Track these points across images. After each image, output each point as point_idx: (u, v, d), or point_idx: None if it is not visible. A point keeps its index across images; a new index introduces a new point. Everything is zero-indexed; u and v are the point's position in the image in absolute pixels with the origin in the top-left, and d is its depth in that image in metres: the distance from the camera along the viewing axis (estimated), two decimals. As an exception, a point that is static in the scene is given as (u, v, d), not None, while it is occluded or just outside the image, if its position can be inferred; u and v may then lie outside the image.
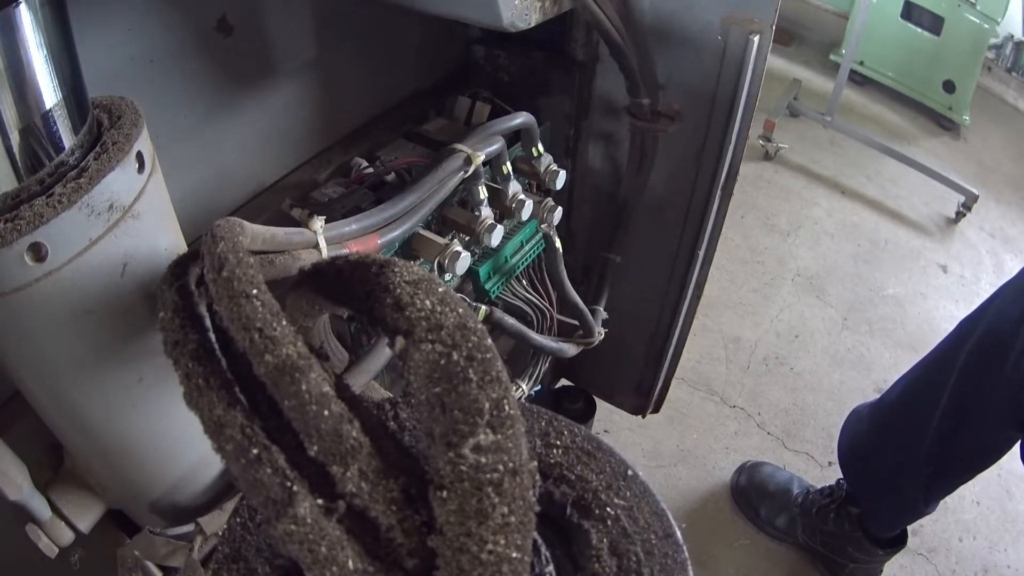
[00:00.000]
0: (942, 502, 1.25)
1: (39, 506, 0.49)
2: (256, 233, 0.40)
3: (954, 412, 1.11)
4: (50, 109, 0.34)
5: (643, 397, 1.17)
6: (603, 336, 0.98)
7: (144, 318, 0.40)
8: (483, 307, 0.77)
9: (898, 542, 1.34)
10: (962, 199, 2.33)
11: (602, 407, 1.28)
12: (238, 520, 0.35)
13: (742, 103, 0.74)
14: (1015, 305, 1.02)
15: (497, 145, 0.70)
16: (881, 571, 1.39)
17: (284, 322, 0.27)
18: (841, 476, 1.38)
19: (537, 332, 0.89)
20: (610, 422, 1.58)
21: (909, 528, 1.35)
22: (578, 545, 0.34)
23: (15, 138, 0.32)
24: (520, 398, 1.00)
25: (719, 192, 0.83)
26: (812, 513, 1.38)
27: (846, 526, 1.33)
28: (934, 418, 1.12)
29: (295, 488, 0.25)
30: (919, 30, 2.68)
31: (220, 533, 0.37)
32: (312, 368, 0.26)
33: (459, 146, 0.67)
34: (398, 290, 0.29)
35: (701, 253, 0.90)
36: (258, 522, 0.34)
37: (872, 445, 1.27)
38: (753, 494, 1.47)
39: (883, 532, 1.32)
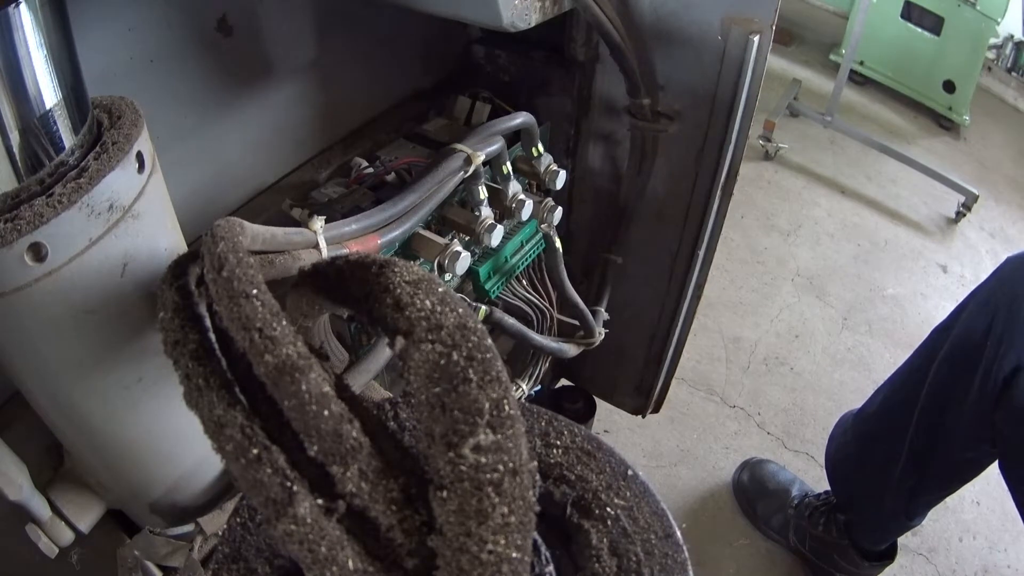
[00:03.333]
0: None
1: (39, 506, 0.49)
2: (256, 233, 0.40)
3: (927, 426, 1.09)
4: (50, 109, 0.34)
5: (643, 397, 1.17)
6: (603, 336, 0.98)
7: (144, 318, 0.40)
8: (483, 307, 0.77)
9: (885, 556, 1.32)
10: (962, 199, 2.33)
11: (602, 407, 1.28)
12: (238, 520, 0.35)
13: (742, 103, 0.74)
14: (981, 318, 0.99)
15: (497, 145, 0.70)
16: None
17: (284, 322, 0.27)
18: (837, 481, 1.37)
19: (537, 332, 0.89)
20: (610, 422, 1.58)
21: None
22: (578, 545, 0.34)
23: (15, 138, 0.32)
24: (520, 398, 1.00)
25: (719, 192, 0.83)
26: (804, 516, 1.37)
27: (834, 533, 1.32)
28: (909, 431, 1.11)
29: (295, 488, 0.25)
30: (919, 30, 2.68)
31: (220, 533, 0.37)
32: (312, 368, 0.26)
33: (459, 146, 0.67)
34: (398, 290, 0.29)
35: (701, 253, 0.90)
36: (258, 522, 0.34)
37: (854, 455, 1.26)
38: (752, 491, 1.47)
39: (868, 544, 1.31)
